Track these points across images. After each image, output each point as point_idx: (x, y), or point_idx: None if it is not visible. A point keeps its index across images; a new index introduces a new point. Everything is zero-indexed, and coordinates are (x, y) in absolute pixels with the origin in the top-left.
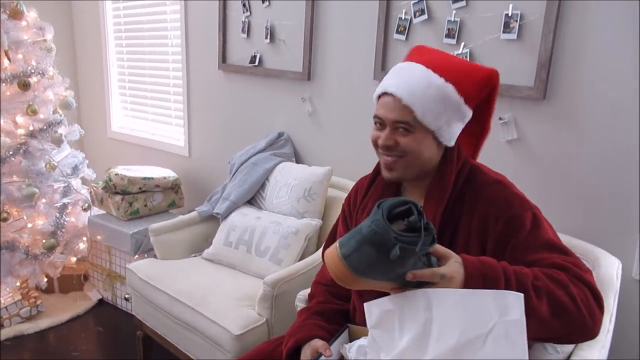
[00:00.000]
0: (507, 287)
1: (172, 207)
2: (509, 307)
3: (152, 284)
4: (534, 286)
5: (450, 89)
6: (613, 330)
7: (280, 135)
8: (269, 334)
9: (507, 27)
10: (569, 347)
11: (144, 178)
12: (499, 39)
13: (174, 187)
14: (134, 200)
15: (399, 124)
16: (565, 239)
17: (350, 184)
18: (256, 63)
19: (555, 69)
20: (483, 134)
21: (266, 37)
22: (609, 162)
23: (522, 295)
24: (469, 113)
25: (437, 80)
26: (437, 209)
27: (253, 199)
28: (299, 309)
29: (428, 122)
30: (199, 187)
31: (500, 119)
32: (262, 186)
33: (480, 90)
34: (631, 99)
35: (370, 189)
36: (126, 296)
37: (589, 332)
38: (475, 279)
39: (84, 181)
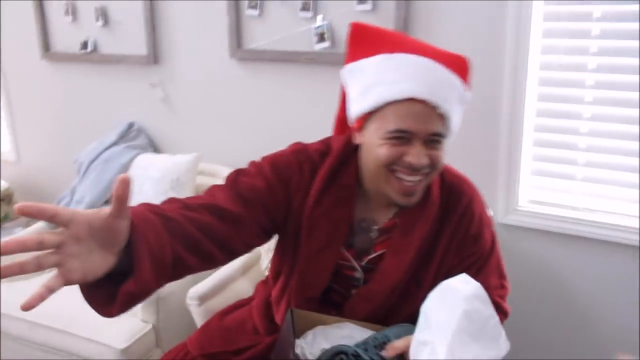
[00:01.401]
0: None
1: (6, 221)
2: (463, 286)
3: (3, 312)
4: None
5: (462, 86)
6: None
7: (130, 126)
8: (157, 341)
9: None
10: None
11: None
12: (354, 10)
13: (5, 199)
14: None
15: (434, 137)
16: None
17: (222, 169)
18: (88, 49)
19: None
20: None
21: (97, 20)
22: (469, 119)
23: (464, 275)
24: None
25: (455, 79)
26: (426, 222)
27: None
28: (191, 308)
29: (454, 130)
30: (36, 195)
31: None
32: None
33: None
34: (483, 59)
35: (329, 190)
36: None
37: None
38: None
39: None
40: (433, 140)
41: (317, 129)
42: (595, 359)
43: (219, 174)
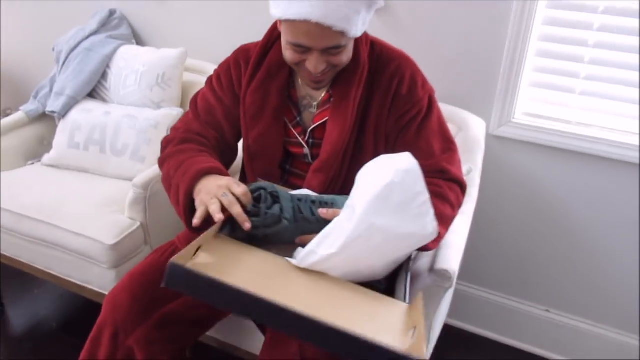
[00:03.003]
0: None
1: None
2: (401, 160)
3: None
4: None
5: None
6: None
7: (112, 13)
8: (145, 238)
9: None
10: None
11: None
12: None
13: None
14: None
15: (330, 49)
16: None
17: (209, 66)
18: None
19: None
20: None
21: None
22: (474, 26)
23: (408, 153)
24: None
25: None
26: (357, 88)
27: (94, 92)
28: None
29: (359, 34)
30: (15, 82)
31: None
32: (104, 75)
33: None
34: None
35: (259, 69)
36: None
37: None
38: None
39: None
40: (332, 50)
41: None
42: (580, 270)
43: (207, 71)
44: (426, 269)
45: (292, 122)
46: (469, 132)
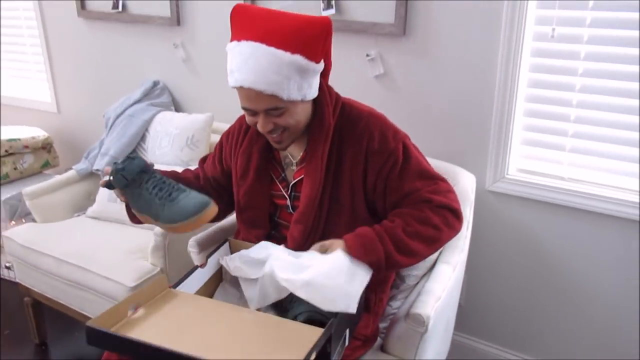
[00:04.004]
0: (384, 246)
1: (47, 168)
2: (355, 274)
3: (35, 249)
4: (405, 232)
5: (299, 58)
6: (470, 236)
7: (155, 84)
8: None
9: None
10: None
11: (10, 140)
12: None
13: (45, 147)
14: (2, 164)
15: (270, 110)
16: (429, 162)
17: None
18: (119, 8)
19: (412, 5)
20: (328, 71)
21: None
22: (463, 89)
23: (370, 271)
24: (321, 66)
25: (286, 56)
26: (324, 147)
27: (134, 152)
28: (192, 255)
29: (295, 97)
30: (73, 144)
31: (367, 55)
32: (143, 138)
33: (324, 43)
34: (479, 32)
35: (246, 135)
36: (7, 264)
37: (453, 237)
38: (356, 250)
39: None
40: (271, 112)
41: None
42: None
43: None
44: (405, 314)
45: (278, 178)
46: (459, 185)
